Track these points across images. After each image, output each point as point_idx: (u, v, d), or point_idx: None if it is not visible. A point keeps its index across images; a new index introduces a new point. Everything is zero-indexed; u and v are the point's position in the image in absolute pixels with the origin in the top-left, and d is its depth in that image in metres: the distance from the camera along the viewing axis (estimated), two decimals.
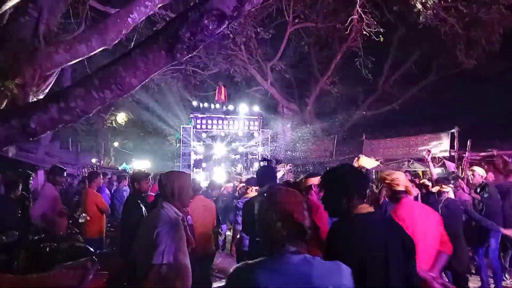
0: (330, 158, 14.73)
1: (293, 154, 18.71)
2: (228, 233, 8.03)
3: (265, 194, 1.63)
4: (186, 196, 2.68)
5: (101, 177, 6.06)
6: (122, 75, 2.73)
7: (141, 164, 27.18)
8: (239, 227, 4.93)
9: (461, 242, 4.65)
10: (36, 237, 4.40)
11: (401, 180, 3.19)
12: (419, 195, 6.83)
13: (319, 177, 4.51)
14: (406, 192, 3.14)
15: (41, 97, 3.81)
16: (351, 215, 1.97)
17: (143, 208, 4.07)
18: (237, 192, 7.65)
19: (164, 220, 2.50)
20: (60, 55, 3.86)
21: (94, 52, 4.24)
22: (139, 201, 4.13)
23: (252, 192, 4.94)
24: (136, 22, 4.50)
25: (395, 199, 3.22)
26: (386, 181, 3.30)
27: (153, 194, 5.79)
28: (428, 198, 7.15)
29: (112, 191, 7.43)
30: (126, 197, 7.37)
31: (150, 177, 4.76)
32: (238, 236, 4.92)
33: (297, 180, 4.63)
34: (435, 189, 5.73)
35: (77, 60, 4.19)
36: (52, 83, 4.38)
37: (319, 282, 1.39)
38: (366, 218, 1.96)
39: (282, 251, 1.47)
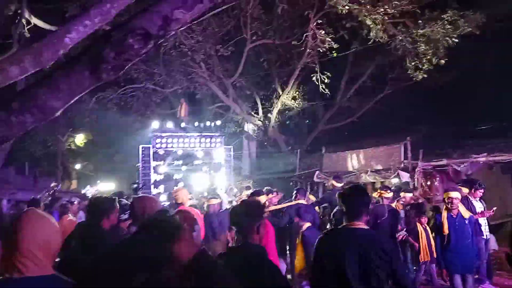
0: (294, 172, 14.86)
1: (258, 169, 18.74)
2: None
3: None
4: None
5: (42, 204, 5.72)
6: (43, 98, 2.59)
7: (106, 186, 26.26)
8: None
9: None
10: None
11: (179, 196, 4.90)
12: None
13: (265, 195, 4.53)
14: (182, 203, 4.88)
15: None
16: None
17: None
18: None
19: None
20: None
21: (28, 74, 4.07)
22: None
23: None
24: (75, 41, 4.36)
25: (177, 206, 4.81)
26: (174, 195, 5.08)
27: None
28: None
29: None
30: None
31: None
32: None
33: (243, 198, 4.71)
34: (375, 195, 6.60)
35: (9, 82, 4.00)
36: None
37: None
38: (341, 231, 2.52)
39: None
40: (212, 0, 2.77)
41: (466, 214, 4.96)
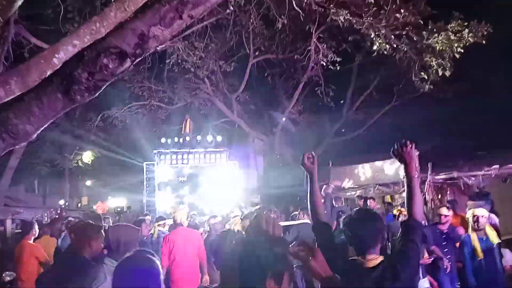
0: (301, 186, 14.59)
1: (266, 184, 18.48)
2: None
3: None
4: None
5: (36, 226, 5.57)
6: (14, 122, 2.46)
7: (116, 202, 26.25)
8: None
9: None
10: None
11: (177, 216, 5.30)
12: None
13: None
14: (181, 224, 5.32)
15: None
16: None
17: None
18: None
19: (99, 278, 2.44)
20: None
21: (14, 96, 3.98)
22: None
23: None
24: (64, 62, 4.29)
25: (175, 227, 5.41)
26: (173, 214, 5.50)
27: None
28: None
29: (60, 240, 6.85)
30: None
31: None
32: None
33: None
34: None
35: None
36: None
37: None
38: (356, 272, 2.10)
39: None
40: (193, 16, 2.63)
41: (495, 238, 4.47)
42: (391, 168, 10.17)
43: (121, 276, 1.57)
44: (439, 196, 10.16)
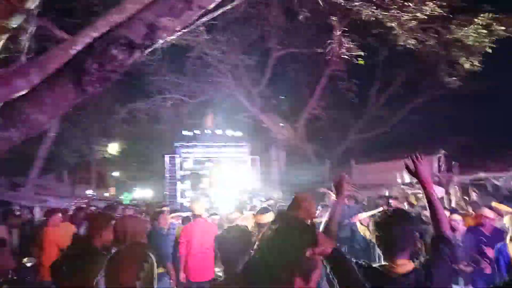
0: (322, 184, 14.43)
1: (287, 180, 18.38)
2: None
3: None
4: None
5: (60, 214, 5.76)
6: (27, 111, 2.53)
7: (142, 192, 26.85)
8: None
9: None
10: None
11: (196, 207, 5.35)
12: None
13: (271, 212, 4.19)
14: (200, 215, 5.32)
15: None
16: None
17: None
18: None
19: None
20: None
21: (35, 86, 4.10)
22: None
23: None
24: None
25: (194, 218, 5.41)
26: (192, 207, 5.53)
27: None
28: None
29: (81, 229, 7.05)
30: None
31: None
32: None
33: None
34: None
35: (16, 95, 4.03)
36: None
37: None
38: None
39: None
40: (203, 7, 2.61)
41: None
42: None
43: (110, 269, 1.56)
44: (466, 198, 9.80)
